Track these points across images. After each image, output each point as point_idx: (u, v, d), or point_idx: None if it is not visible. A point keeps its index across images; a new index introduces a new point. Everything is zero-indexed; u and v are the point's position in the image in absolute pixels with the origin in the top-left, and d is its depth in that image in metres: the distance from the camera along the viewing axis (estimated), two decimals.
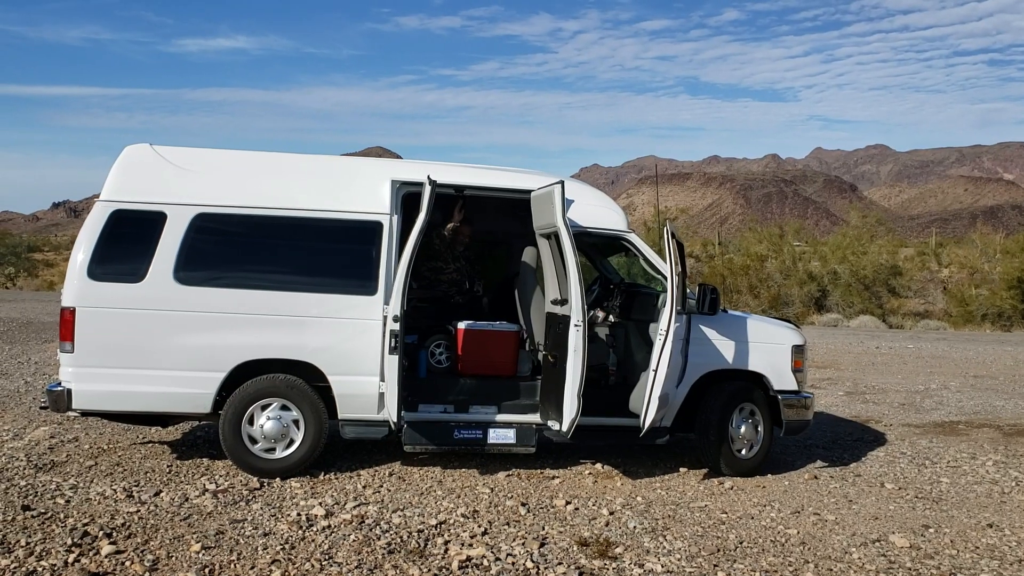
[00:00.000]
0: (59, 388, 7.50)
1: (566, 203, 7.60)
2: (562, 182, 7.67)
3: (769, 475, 8.55)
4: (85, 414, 7.94)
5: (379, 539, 6.09)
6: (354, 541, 6.03)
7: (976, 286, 33.68)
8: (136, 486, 7.16)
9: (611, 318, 9.39)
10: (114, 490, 6.99)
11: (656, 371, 7.57)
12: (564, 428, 7.59)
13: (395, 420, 7.35)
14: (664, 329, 7.58)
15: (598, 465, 8.53)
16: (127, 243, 7.62)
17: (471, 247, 9.64)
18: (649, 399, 7.61)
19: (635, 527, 6.64)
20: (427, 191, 7.41)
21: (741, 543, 6.39)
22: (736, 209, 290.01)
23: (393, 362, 7.27)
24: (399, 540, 6.11)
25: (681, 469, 8.61)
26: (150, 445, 8.78)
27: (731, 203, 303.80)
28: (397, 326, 7.25)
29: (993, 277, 33.96)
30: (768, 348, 8.55)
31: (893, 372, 16.81)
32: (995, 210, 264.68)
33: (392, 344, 7.25)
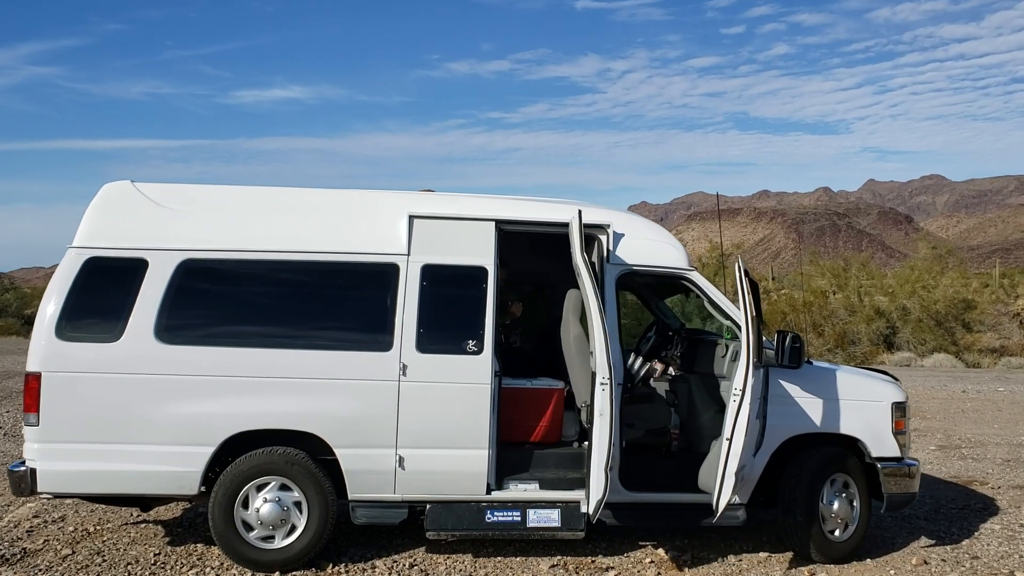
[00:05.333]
0: (22, 468, 6.39)
1: (583, 234, 6.48)
2: (579, 211, 6.52)
3: (868, 560, 7.09)
4: (56, 496, 6.80)
5: None
6: None
7: None
8: None
9: (671, 371, 8.05)
10: None
11: (731, 440, 6.21)
12: (590, 510, 6.33)
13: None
14: (740, 388, 6.23)
15: (660, 550, 7.13)
16: (102, 296, 6.54)
17: (508, 291, 8.36)
18: (723, 475, 6.24)
19: None
20: None
21: None
22: (788, 244, 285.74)
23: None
24: None
25: (761, 553, 7.18)
26: (143, 526, 7.63)
27: (783, 238, 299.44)
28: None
29: None
30: (864, 407, 7.12)
31: (988, 421, 15.06)
32: None
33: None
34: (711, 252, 37.75)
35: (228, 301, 6.69)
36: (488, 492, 6.67)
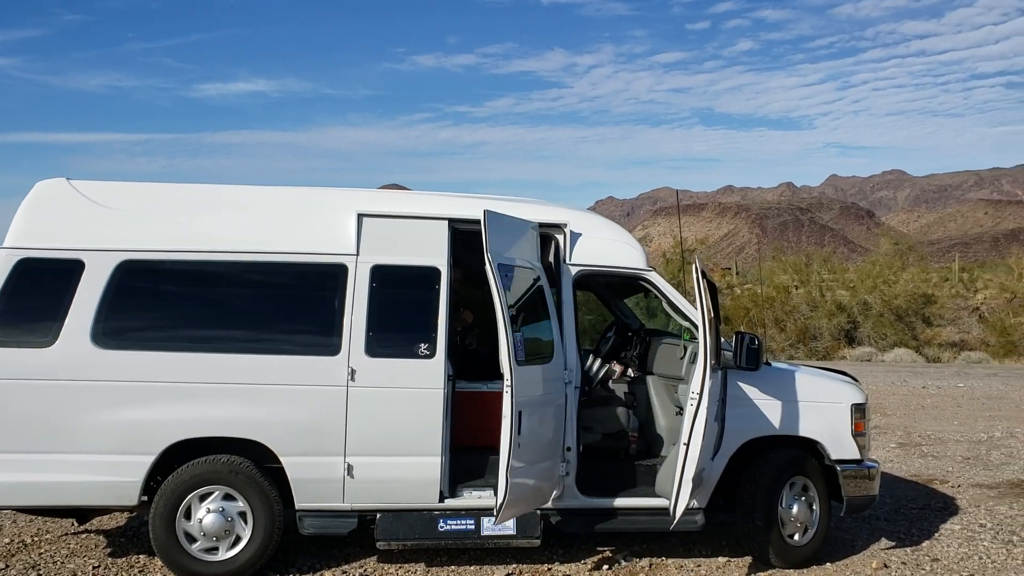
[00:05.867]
0: None
1: (490, 230, 6.04)
2: (485, 210, 6.12)
3: (828, 564, 7.00)
4: None
5: None
6: None
7: (1016, 314, 31.83)
8: None
9: (630, 372, 7.90)
10: None
11: (688, 445, 6.06)
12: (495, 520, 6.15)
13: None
14: (697, 391, 6.08)
15: (619, 556, 6.98)
16: (35, 299, 6.27)
17: (466, 291, 8.12)
18: (680, 480, 6.09)
19: None
20: None
21: None
22: (752, 238, 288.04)
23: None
24: None
25: (720, 558, 7.06)
26: (83, 536, 7.35)
27: (747, 232, 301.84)
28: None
29: None
30: (823, 408, 7.01)
31: (948, 417, 15.11)
32: (1016, 233, 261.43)
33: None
34: (675, 248, 37.81)
35: (169, 304, 6.43)
36: (441, 500, 6.47)
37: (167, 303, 6.43)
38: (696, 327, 6.63)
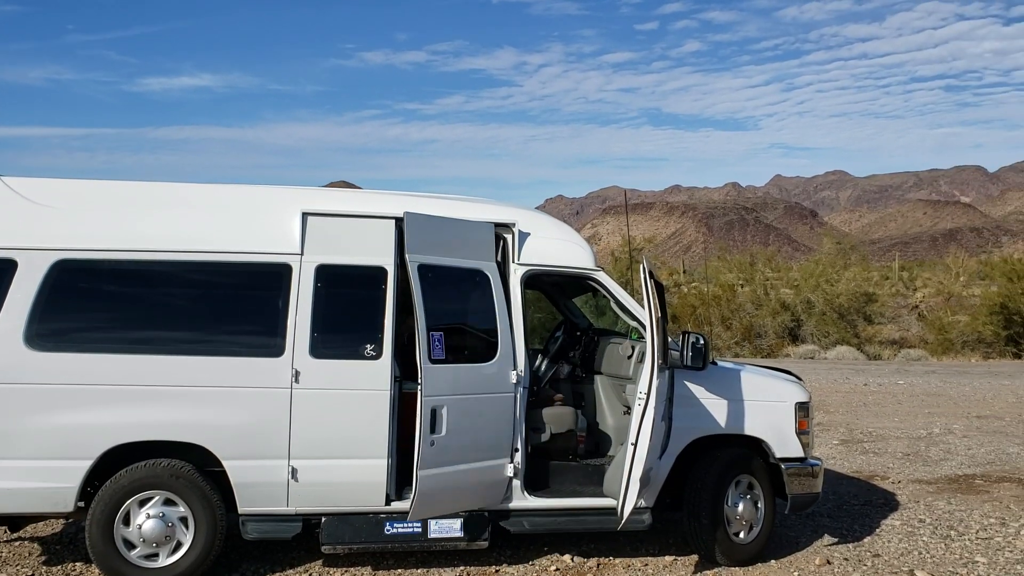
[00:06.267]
0: None
1: (410, 231, 6.17)
2: (406, 213, 6.24)
3: (773, 561, 7.07)
4: None
5: None
6: None
7: (953, 312, 32.65)
8: None
9: (578, 372, 7.90)
10: None
11: (636, 444, 6.07)
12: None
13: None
14: (644, 391, 6.09)
15: (567, 557, 6.98)
16: None
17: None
18: (628, 480, 6.09)
19: None
20: None
21: None
22: (699, 237, 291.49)
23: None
24: None
25: (667, 557, 7.09)
26: (16, 544, 7.12)
27: (694, 232, 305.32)
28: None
29: (971, 302, 32.94)
30: (768, 407, 7.08)
31: (888, 414, 15.41)
32: (954, 233, 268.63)
33: None
34: (623, 247, 38.07)
35: (106, 304, 6.24)
36: (387, 503, 6.39)
37: (105, 304, 6.24)
38: (644, 327, 6.66)
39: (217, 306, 6.37)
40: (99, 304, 6.24)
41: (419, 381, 5.97)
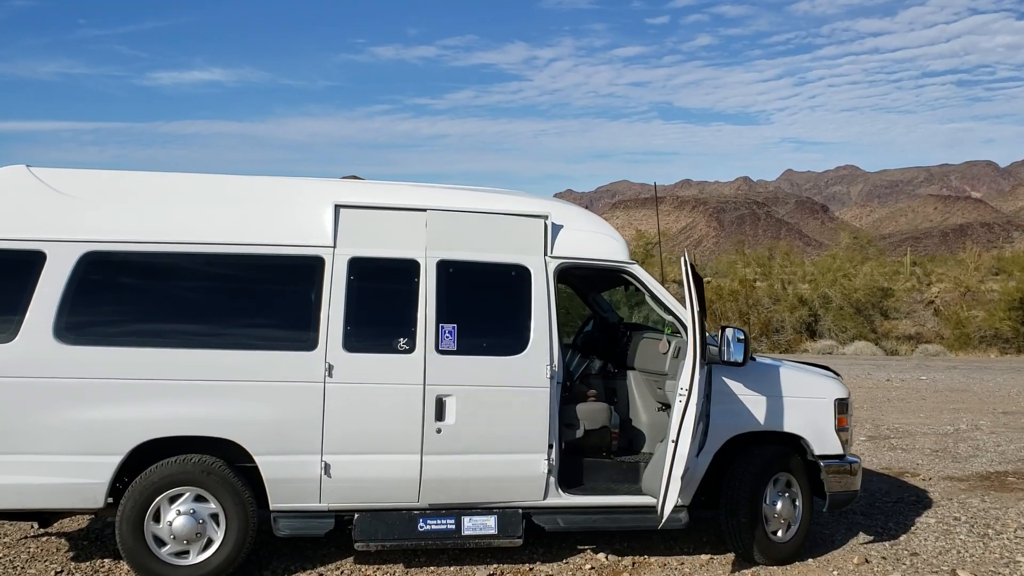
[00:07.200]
0: None
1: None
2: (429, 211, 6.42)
3: (811, 560, 6.94)
4: None
5: None
6: None
7: (970, 308, 32.37)
8: None
9: (610, 367, 7.77)
10: None
11: (677, 442, 5.94)
12: None
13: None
14: (686, 387, 5.96)
15: (601, 555, 6.86)
16: None
17: None
18: (669, 478, 5.96)
19: None
20: None
21: None
22: (710, 232, 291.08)
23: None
24: None
25: (703, 555, 6.96)
26: (44, 540, 7.05)
27: (704, 226, 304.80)
28: None
29: (989, 297, 32.64)
30: (807, 404, 6.94)
31: (914, 410, 15.24)
32: (964, 228, 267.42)
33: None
34: (637, 240, 37.89)
35: (137, 297, 6.12)
36: (419, 499, 6.28)
37: (134, 296, 6.12)
38: (682, 323, 6.54)
39: (248, 300, 6.25)
40: (128, 297, 6.12)
41: (423, 370, 6.14)
